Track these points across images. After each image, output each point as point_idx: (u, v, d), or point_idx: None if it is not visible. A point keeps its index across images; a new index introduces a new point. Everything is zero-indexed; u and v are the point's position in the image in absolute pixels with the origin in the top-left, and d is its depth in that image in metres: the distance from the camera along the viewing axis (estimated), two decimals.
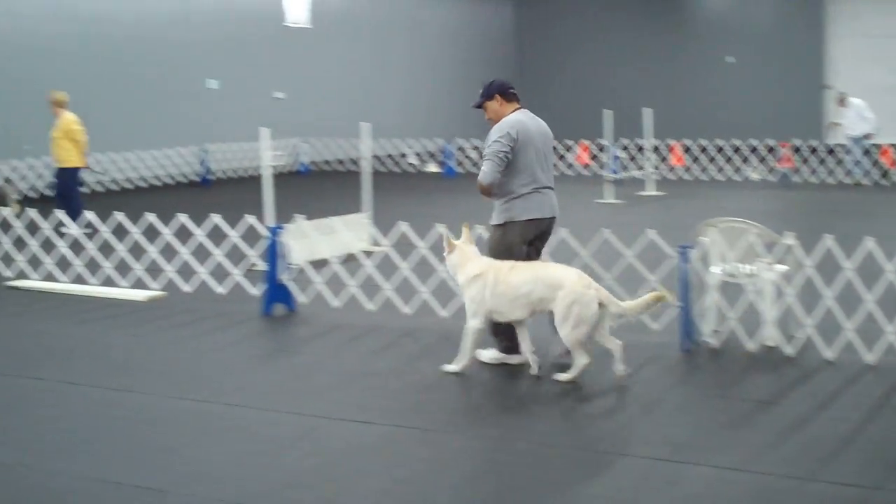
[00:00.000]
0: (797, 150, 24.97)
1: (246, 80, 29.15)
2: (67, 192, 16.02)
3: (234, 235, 11.33)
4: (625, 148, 26.01)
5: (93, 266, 11.88)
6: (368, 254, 11.10)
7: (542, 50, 40.02)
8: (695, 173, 24.98)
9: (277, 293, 10.34)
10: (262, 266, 10.97)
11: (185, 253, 11.44)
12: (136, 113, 25.98)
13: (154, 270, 11.56)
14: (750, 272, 8.67)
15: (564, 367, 7.88)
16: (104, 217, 12.14)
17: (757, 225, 8.68)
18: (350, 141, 29.32)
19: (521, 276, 7.82)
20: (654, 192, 21.28)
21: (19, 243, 12.49)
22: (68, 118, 16.15)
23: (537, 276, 7.82)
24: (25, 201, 18.27)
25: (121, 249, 11.78)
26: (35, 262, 12.18)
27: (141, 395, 7.76)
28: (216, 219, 11.44)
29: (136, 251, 11.72)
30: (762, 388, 7.68)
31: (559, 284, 7.71)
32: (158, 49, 26.83)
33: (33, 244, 12.34)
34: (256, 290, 10.70)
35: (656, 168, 22.76)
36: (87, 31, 25.09)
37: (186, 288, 11.26)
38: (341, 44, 32.72)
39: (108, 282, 11.72)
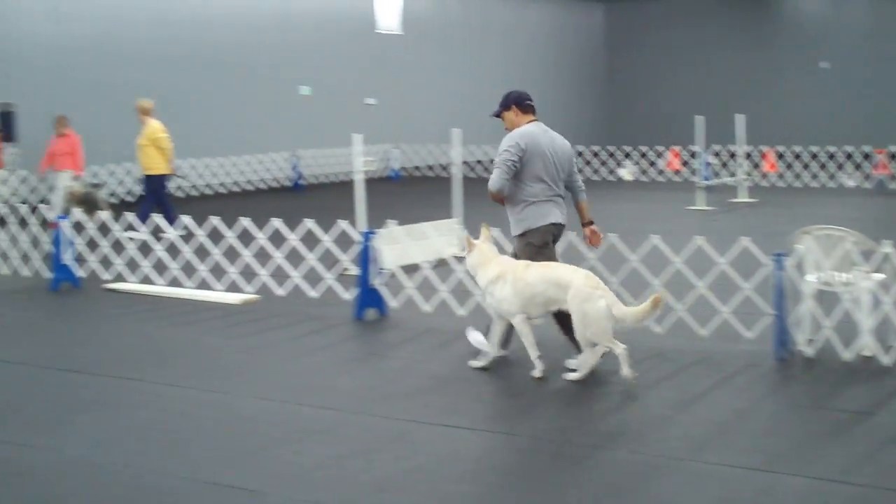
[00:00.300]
0: (894, 156, 24.52)
1: (338, 87, 29.43)
2: (154, 198, 16.29)
3: (326, 240, 11.45)
4: (717, 154, 25.76)
5: (188, 269, 12.09)
6: (460, 259, 11.13)
7: (632, 54, 39.81)
8: (788, 180, 24.64)
9: (369, 297, 10.43)
10: (354, 270, 11.07)
11: (278, 257, 11.58)
12: (230, 119, 26.38)
13: (248, 274, 11.72)
14: (846, 280, 8.53)
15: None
16: (200, 221, 12.34)
17: (853, 232, 8.54)
18: (440, 147, 29.48)
19: (535, 276, 8.10)
20: (746, 199, 21.04)
21: (117, 246, 12.76)
22: (154, 126, 16.41)
23: (548, 276, 8.08)
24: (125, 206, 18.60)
25: (216, 253, 11.97)
26: (133, 265, 12.43)
27: (235, 396, 7.88)
28: (309, 223, 11.57)
29: (231, 255, 11.90)
30: (858, 399, 7.56)
31: (568, 284, 7.95)
32: (253, 56, 27.22)
33: (130, 247, 12.61)
34: (348, 295, 10.80)
35: (749, 175, 22.49)
36: (182, 37, 25.53)
37: (280, 292, 11.41)
38: (432, 50, 32.86)
39: (203, 285, 11.91)
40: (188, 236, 12.45)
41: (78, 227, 13.01)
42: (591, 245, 9.05)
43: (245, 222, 11.90)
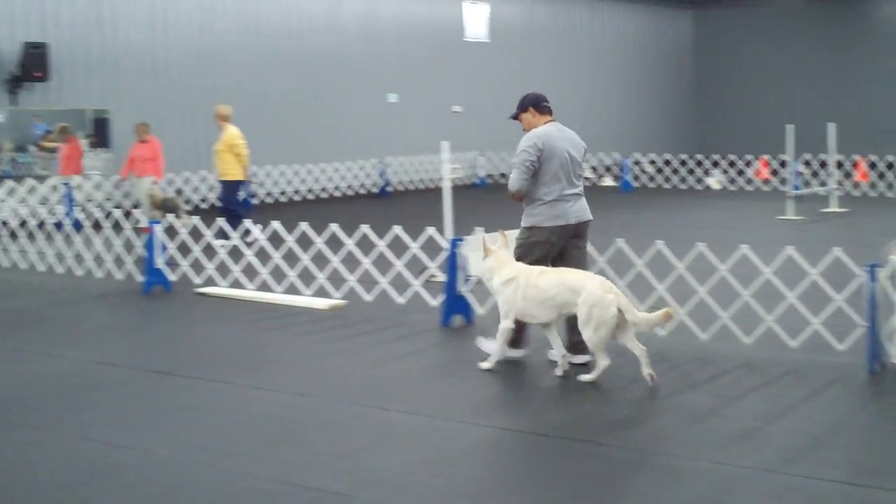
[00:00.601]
0: None
1: (424, 94, 29.55)
2: (229, 204, 16.44)
3: (414, 246, 11.52)
4: (807, 163, 25.38)
5: (278, 274, 12.23)
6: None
7: (721, 62, 39.41)
8: (880, 189, 24.20)
9: (456, 304, 10.46)
10: (440, 277, 11.12)
11: (366, 263, 11.67)
12: (318, 126, 26.63)
13: (336, 279, 11.83)
14: None
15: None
16: (289, 227, 12.49)
17: None
18: None
19: (548, 281, 8.38)
20: (837, 209, 20.71)
21: (208, 251, 12.96)
22: (231, 132, 16.54)
23: (562, 281, 8.35)
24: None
25: (305, 258, 12.10)
26: (223, 270, 12.61)
27: (322, 400, 7.96)
28: (397, 230, 11.65)
29: (320, 260, 12.02)
30: None
31: (580, 289, 8.20)
32: (341, 64, 27.45)
33: (221, 252, 12.81)
34: (435, 301, 10.84)
35: (840, 184, 22.15)
36: (270, 45, 25.84)
37: (367, 297, 11.49)
38: (518, 58, 32.84)
39: (292, 290, 12.04)
40: (278, 242, 12.58)
41: (170, 231, 13.24)
42: None
43: (334, 228, 12.01)
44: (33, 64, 20.87)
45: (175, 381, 8.62)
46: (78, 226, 15.55)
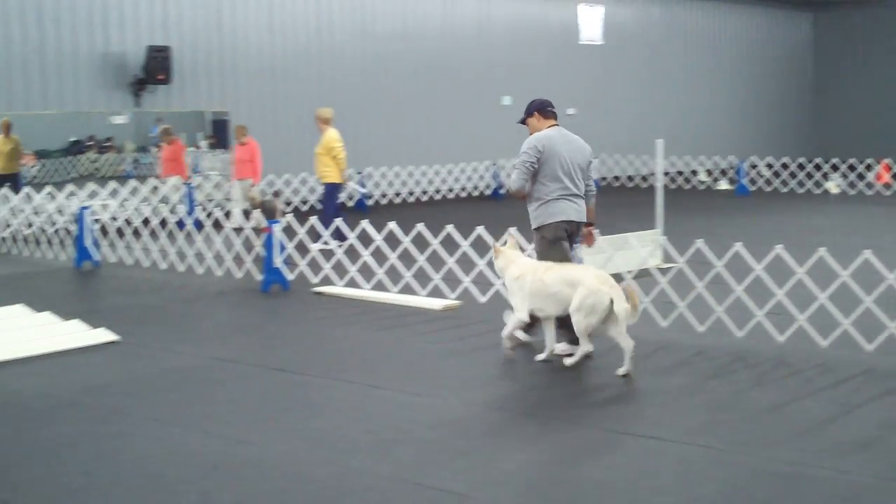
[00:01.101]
0: None
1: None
2: (326, 206, 16.50)
3: (529, 248, 11.50)
4: None
5: (393, 274, 12.34)
6: (663, 270, 11.03)
7: (840, 64, 38.67)
8: None
9: None
10: None
11: (480, 264, 11.71)
12: (432, 128, 26.80)
13: (451, 280, 11.89)
14: None
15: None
16: (405, 228, 12.58)
17: None
18: (640, 157, 29.25)
19: (552, 277, 8.85)
20: None
21: (325, 251, 13.13)
22: (331, 135, 16.55)
23: (562, 277, 8.81)
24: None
25: (420, 259, 12.19)
26: (340, 270, 12.76)
27: (436, 399, 8.00)
28: (512, 231, 11.65)
29: (434, 261, 12.09)
30: None
31: (579, 282, 8.67)
32: (454, 67, 27.59)
33: (338, 252, 12.97)
34: None
35: None
36: (384, 49, 26.09)
37: (482, 299, 11.53)
38: (633, 60, 32.66)
39: (407, 290, 12.13)
40: (394, 242, 12.67)
41: (289, 231, 13.44)
42: (585, 245, 9.87)
43: (449, 229, 12.08)
44: (156, 67, 21.39)
45: (293, 379, 8.75)
46: (199, 225, 15.86)
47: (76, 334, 10.31)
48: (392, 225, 12.71)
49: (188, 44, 22.50)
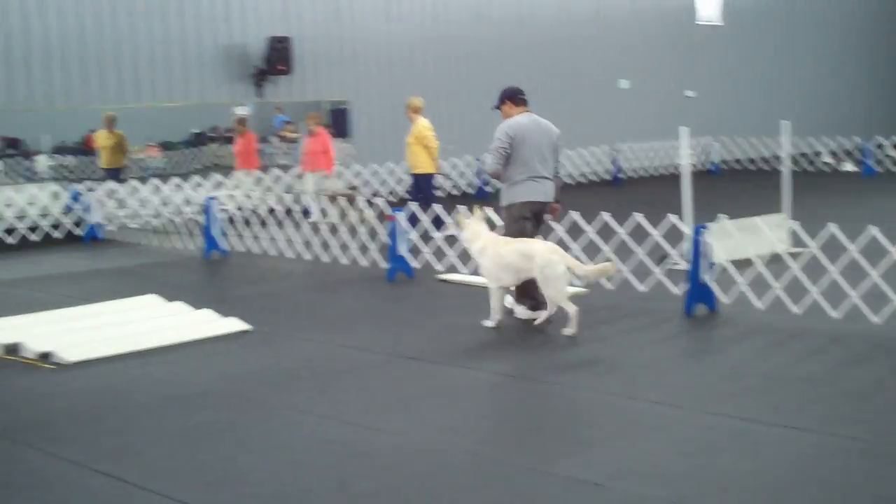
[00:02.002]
0: None
1: (656, 79, 29.22)
2: (423, 195, 16.32)
3: (655, 234, 11.41)
4: None
5: None
6: (794, 255, 10.82)
7: None
8: None
9: (700, 293, 10.31)
10: (682, 265, 10.97)
11: (606, 250, 11.62)
12: (549, 114, 26.62)
13: None
14: None
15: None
16: None
17: None
18: (762, 139, 28.74)
19: (508, 250, 9.81)
20: None
21: (449, 239, 13.15)
22: (422, 124, 16.40)
23: (517, 249, 9.77)
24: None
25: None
26: (464, 257, 12.77)
27: (568, 388, 7.97)
28: (638, 217, 11.56)
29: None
30: None
31: (532, 255, 9.63)
32: (571, 51, 27.45)
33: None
34: (677, 290, 10.71)
35: None
36: (501, 34, 26.07)
37: (608, 285, 11.45)
38: (752, 40, 32.12)
39: None
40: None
41: (413, 219, 13.50)
42: (553, 219, 11.04)
43: (574, 216, 12.01)
44: (277, 57, 21.67)
45: (423, 367, 8.79)
46: (324, 213, 16.01)
47: (209, 323, 10.50)
48: None
49: (308, 34, 22.73)
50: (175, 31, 21.04)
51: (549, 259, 9.55)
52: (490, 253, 9.92)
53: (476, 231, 10.20)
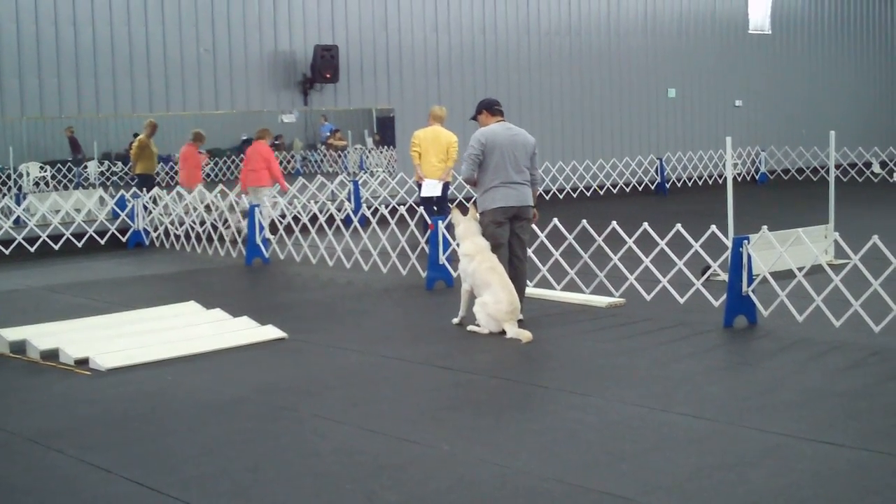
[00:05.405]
0: None
1: (705, 89, 29.04)
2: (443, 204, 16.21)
3: (695, 245, 11.30)
4: None
5: (556, 271, 12.23)
6: (835, 267, 10.66)
7: None
8: None
9: (739, 304, 10.19)
10: (722, 276, 10.84)
11: (646, 261, 11.52)
12: (597, 122, 26.58)
13: (615, 277, 11.74)
14: None
15: None
16: (569, 224, 12.45)
17: None
18: (810, 149, 28.46)
19: (483, 268, 10.18)
20: None
21: None
22: (448, 134, 16.32)
23: (483, 275, 10.21)
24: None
25: (584, 255, 12.06)
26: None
27: (603, 400, 7.89)
28: (678, 227, 11.45)
29: (599, 257, 11.95)
30: None
31: (488, 288, 10.15)
32: (620, 60, 27.33)
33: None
34: (717, 301, 10.60)
35: None
36: (548, 43, 25.98)
37: (647, 296, 11.35)
38: (801, 49, 31.84)
39: (571, 286, 12.01)
40: (558, 238, 12.55)
41: (450, 228, 13.44)
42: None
43: (614, 224, 11.92)
44: (324, 66, 21.71)
45: (457, 378, 8.74)
46: (364, 222, 16.02)
47: (245, 331, 10.52)
48: (555, 220, 12.60)
49: (355, 43, 22.78)
50: (223, 39, 21.13)
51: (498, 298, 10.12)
52: (477, 260, 10.25)
53: (468, 232, 10.54)
